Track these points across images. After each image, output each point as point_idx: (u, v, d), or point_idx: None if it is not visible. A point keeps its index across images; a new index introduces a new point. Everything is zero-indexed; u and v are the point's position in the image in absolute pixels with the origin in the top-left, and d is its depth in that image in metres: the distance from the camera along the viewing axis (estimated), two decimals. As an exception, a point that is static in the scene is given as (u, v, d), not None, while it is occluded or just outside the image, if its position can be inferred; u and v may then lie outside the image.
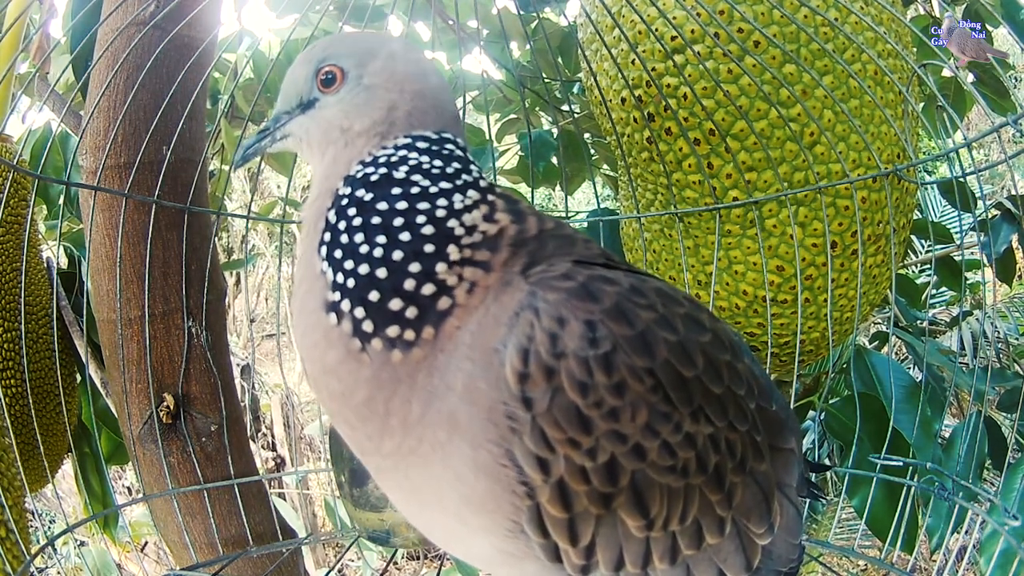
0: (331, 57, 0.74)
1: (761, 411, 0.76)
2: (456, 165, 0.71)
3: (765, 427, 0.76)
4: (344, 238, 0.66)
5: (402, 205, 0.67)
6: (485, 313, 0.64)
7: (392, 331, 0.64)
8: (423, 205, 0.67)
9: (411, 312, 0.64)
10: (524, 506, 0.63)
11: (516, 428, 0.61)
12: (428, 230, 0.66)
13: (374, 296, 0.64)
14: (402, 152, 0.70)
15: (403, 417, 0.64)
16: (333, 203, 0.69)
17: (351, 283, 0.65)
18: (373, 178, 0.68)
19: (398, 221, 0.66)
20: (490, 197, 0.70)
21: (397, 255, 0.65)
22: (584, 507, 0.64)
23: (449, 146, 0.72)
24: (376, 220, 0.66)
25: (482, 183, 0.71)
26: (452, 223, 0.67)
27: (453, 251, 0.66)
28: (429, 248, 0.65)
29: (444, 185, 0.69)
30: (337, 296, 0.65)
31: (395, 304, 0.64)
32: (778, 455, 0.78)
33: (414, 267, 0.65)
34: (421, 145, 0.71)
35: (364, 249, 0.65)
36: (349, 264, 0.65)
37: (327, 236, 0.68)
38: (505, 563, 0.69)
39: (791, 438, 0.81)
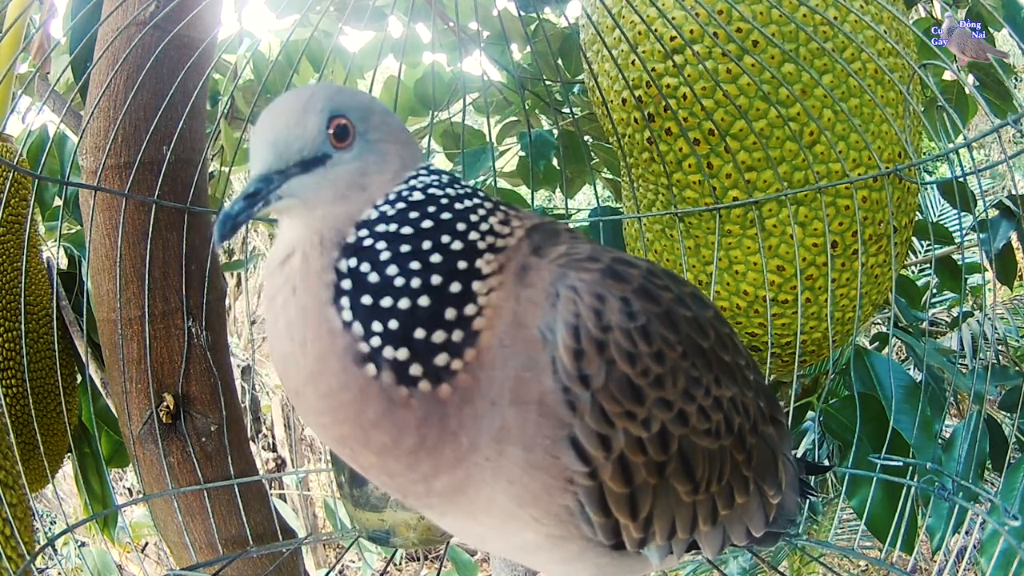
0: (340, 108, 0.66)
1: (757, 382, 0.81)
2: (451, 177, 0.71)
3: (764, 396, 0.81)
4: (374, 276, 0.62)
5: (427, 224, 0.64)
6: (516, 301, 0.64)
7: (441, 359, 0.61)
8: (446, 215, 0.65)
9: (457, 336, 0.62)
10: (585, 487, 0.64)
11: (577, 408, 0.62)
12: (457, 246, 0.64)
13: (420, 333, 0.61)
14: (412, 182, 0.68)
15: (454, 452, 0.63)
16: (343, 252, 0.64)
17: (393, 324, 0.61)
18: (391, 212, 0.65)
19: (426, 244, 0.63)
20: (500, 204, 0.71)
21: (435, 279, 0.62)
22: (643, 479, 0.66)
23: (433, 166, 0.72)
24: (405, 248, 0.63)
25: (480, 191, 0.71)
26: (474, 235, 0.65)
27: (482, 264, 0.64)
28: (463, 264, 0.64)
29: (459, 204, 0.68)
30: (377, 342, 0.61)
31: (439, 335, 0.61)
32: (775, 424, 0.84)
33: (455, 287, 0.62)
34: (423, 173, 0.70)
35: (400, 282, 0.62)
36: (387, 302, 0.61)
37: (346, 284, 0.62)
38: (552, 547, 0.70)
39: (780, 411, 0.87)
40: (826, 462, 2.28)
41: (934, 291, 3.04)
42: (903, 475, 1.30)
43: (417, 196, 0.66)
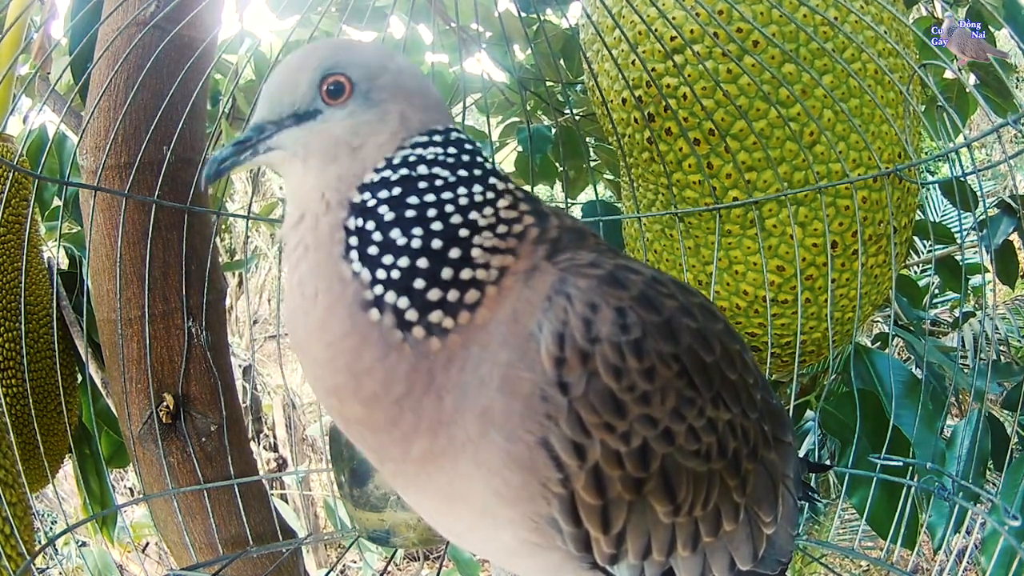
0: (339, 65, 0.68)
1: (765, 402, 0.78)
2: (469, 150, 0.71)
3: (770, 418, 0.78)
4: (378, 235, 0.66)
5: (430, 197, 0.67)
6: (518, 298, 0.65)
7: (435, 316, 0.64)
8: (447, 195, 0.67)
9: (452, 295, 0.64)
10: (557, 494, 0.64)
11: (552, 414, 0.62)
12: (456, 219, 0.66)
13: (419, 284, 0.64)
14: (419, 150, 0.69)
15: (435, 414, 0.64)
16: (351, 211, 0.67)
17: (395, 274, 0.64)
18: (394, 177, 0.68)
19: (431, 212, 0.66)
20: (510, 186, 0.71)
21: (436, 244, 0.65)
22: (617, 493, 0.64)
23: (456, 134, 0.72)
24: (410, 213, 0.66)
25: (499, 171, 0.72)
26: (474, 214, 0.67)
27: (479, 239, 0.66)
28: (464, 233, 0.66)
29: (462, 173, 0.69)
30: (380, 290, 0.64)
31: (435, 293, 0.64)
32: (780, 447, 0.80)
33: (453, 253, 0.65)
34: (437, 139, 0.70)
35: (402, 242, 0.65)
36: (388, 259, 0.65)
37: (354, 240, 0.66)
38: (530, 554, 0.69)
39: (789, 432, 0.84)
40: (827, 462, 2.28)
41: (936, 291, 3.04)
42: (903, 475, 1.30)
43: (422, 170, 0.68)
